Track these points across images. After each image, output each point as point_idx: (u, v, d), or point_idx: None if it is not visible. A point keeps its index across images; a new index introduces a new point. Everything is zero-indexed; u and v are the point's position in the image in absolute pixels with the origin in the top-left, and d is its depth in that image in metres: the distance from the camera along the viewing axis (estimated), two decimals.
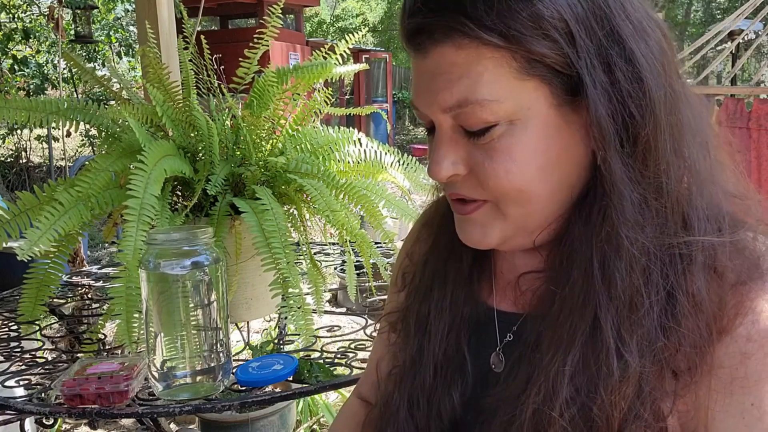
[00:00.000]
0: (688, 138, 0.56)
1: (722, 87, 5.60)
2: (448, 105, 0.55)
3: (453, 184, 0.59)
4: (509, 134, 0.54)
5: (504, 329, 0.66)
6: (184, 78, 1.23)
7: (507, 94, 0.53)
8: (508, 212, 0.58)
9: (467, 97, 0.54)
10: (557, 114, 0.54)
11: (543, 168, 0.55)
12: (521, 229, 0.59)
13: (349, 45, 1.34)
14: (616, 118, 0.53)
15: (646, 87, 0.53)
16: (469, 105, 0.54)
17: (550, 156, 0.55)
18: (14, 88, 6.53)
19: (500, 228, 0.59)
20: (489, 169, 0.55)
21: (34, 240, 0.95)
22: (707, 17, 19.05)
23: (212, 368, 0.96)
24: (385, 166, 1.34)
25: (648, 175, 0.54)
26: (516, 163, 0.55)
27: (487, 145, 0.55)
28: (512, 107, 0.53)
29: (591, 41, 0.52)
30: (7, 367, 1.13)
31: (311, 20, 20.01)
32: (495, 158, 0.55)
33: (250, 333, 1.27)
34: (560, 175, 0.56)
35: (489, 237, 0.60)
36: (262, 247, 1.03)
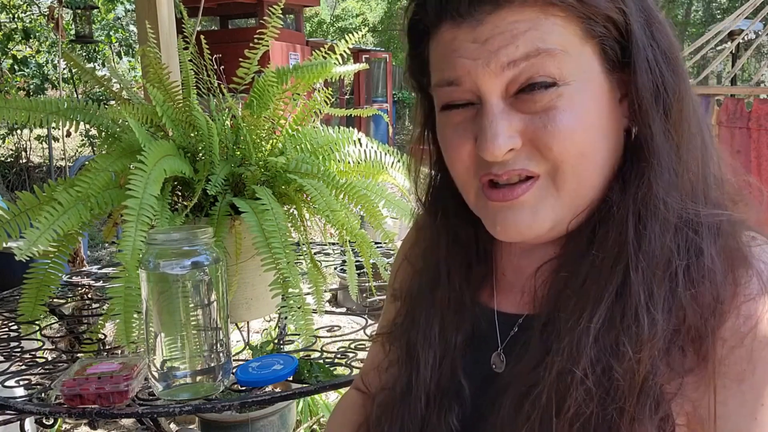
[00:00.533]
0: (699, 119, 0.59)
1: (722, 87, 5.60)
2: (514, 57, 0.53)
3: (503, 163, 0.56)
4: (569, 96, 0.54)
5: (505, 330, 0.65)
6: (184, 78, 1.23)
7: (573, 50, 0.54)
8: (564, 185, 0.56)
9: (538, 46, 0.53)
10: (608, 79, 0.57)
11: (600, 131, 0.57)
12: (572, 207, 0.58)
13: (349, 45, 1.34)
14: (656, 84, 0.56)
15: (678, 62, 0.57)
16: (540, 54, 0.53)
17: (605, 119, 0.57)
18: (14, 88, 6.53)
19: (552, 207, 0.57)
20: (552, 131, 0.54)
21: (33, 240, 0.95)
22: (707, 17, 19.06)
23: (212, 368, 0.96)
24: (386, 166, 1.34)
25: (680, 144, 0.57)
26: (580, 123, 0.55)
27: (546, 107, 0.54)
28: (575, 65, 0.54)
29: (638, 11, 0.56)
30: (7, 367, 1.13)
31: (311, 20, 20.01)
32: (558, 119, 0.54)
33: (250, 333, 1.27)
34: (611, 140, 0.58)
35: (540, 220, 0.57)
36: (262, 247, 1.03)
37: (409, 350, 0.68)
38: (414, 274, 0.73)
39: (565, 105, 0.54)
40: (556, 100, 0.54)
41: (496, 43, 0.53)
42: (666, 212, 0.55)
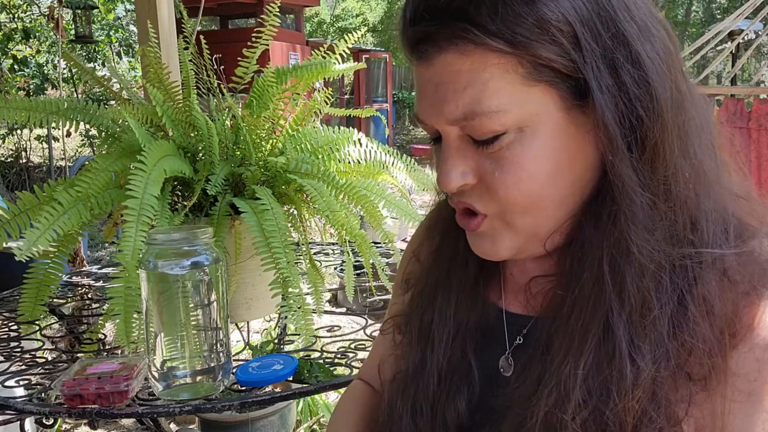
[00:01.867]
0: (694, 139, 0.55)
1: (722, 87, 5.60)
2: (454, 117, 0.54)
3: (461, 194, 0.58)
4: (518, 142, 0.53)
5: (513, 332, 0.65)
6: (184, 78, 1.23)
7: (514, 102, 0.52)
8: (515, 223, 0.57)
9: (473, 109, 0.53)
10: (567, 117, 0.54)
11: (554, 173, 0.54)
12: (532, 237, 0.58)
13: (349, 45, 1.34)
14: (623, 121, 0.52)
15: (652, 89, 0.52)
16: (476, 117, 0.53)
17: (561, 161, 0.54)
18: (14, 88, 6.53)
19: (510, 238, 0.58)
20: (499, 179, 0.54)
21: (33, 240, 0.95)
22: (707, 17, 19.05)
23: (212, 368, 0.96)
24: (386, 166, 1.34)
25: (657, 179, 0.53)
26: (526, 172, 0.54)
27: (495, 155, 0.54)
28: (520, 115, 0.52)
29: (597, 44, 0.51)
30: (7, 367, 1.13)
31: (311, 20, 20.01)
32: (504, 168, 0.54)
33: (250, 333, 1.27)
34: (571, 179, 0.55)
35: (500, 249, 0.59)
36: (262, 247, 1.03)
37: (423, 329, 0.69)
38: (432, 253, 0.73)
39: (512, 155, 0.54)
40: (505, 149, 0.54)
41: (441, 95, 0.54)
42: (642, 254, 0.52)
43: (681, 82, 0.55)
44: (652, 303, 0.52)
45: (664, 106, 0.53)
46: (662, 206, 0.53)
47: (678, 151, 0.53)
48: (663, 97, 0.53)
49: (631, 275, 0.53)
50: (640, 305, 0.52)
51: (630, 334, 0.52)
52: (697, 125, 0.56)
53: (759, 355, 0.51)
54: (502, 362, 0.65)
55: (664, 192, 0.53)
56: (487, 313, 0.67)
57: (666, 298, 0.52)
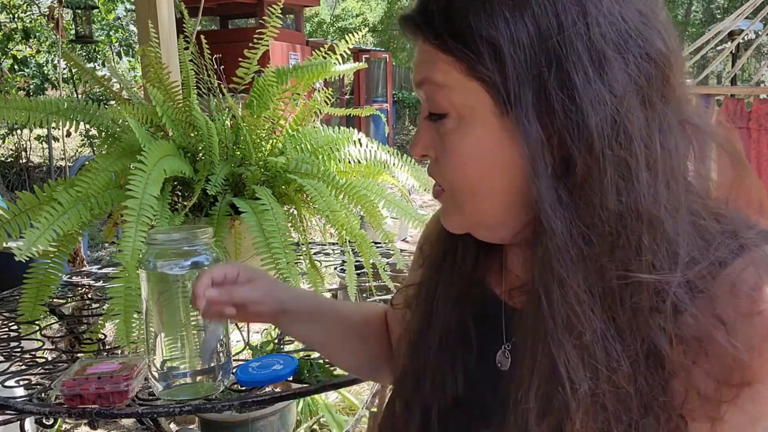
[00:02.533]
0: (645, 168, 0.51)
1: (722, 87, 5.60)
2: (416, 80, 0.61)
3: (430, 167, 0.64)
4: (458, 130, 0.58)
5: (510, 323, 0.65)
6: (184, 78, 1.23)
7: (456, 85, 0.56)
8: (461, 205, 0.61)
9: (427, 76, 0.59)
10: (499, 123, 0.55)
11: (486, 171, 0.57)
12: (478, 224, 0.62)
13: (350, 45, 1.34)
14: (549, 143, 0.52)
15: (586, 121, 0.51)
16: (428, 84, 0.59)
17: (491, 161, 0.56)
18: (14, 88, 6.53)
19: (458, 218, 0.63)
20: (444, 159, 0.60)
21: (33, 240, 0.95)
22: (707, 17, 19.06)
23: (212, 368, 0.96)
24: (386, 166, 1.34)
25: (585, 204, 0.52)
26: (460, 162, 0.58)
27: (444, 137, 0.59)
28: (460, 100, 0.57)
29: (525, 65, 0.52)
30: (7, 367, 1.13)
31: (311, 20, 20.01)
32: (447, 151, 0.59)
33: (250, 333, 1.27)
34: (506, 181, 0.56)
35: (451, 223, 0.64)
36: (262, 247, 1.03)
37: (429, 290, 0.71)
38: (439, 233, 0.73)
39: (452, 140, 0.58)
40: (449, 134, 0.59)
41: (414, 62, 0.61)
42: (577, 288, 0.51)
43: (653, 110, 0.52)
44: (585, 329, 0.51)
45: (598, 138, 0.51)
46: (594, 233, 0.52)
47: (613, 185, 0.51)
48: (599, 130, 0.51)
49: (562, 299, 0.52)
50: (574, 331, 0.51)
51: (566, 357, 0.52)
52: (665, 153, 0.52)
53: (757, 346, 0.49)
54: (499, 357, 0.65)
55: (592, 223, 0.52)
56: (487, 300, 0.68)
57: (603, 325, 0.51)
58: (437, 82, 0.58)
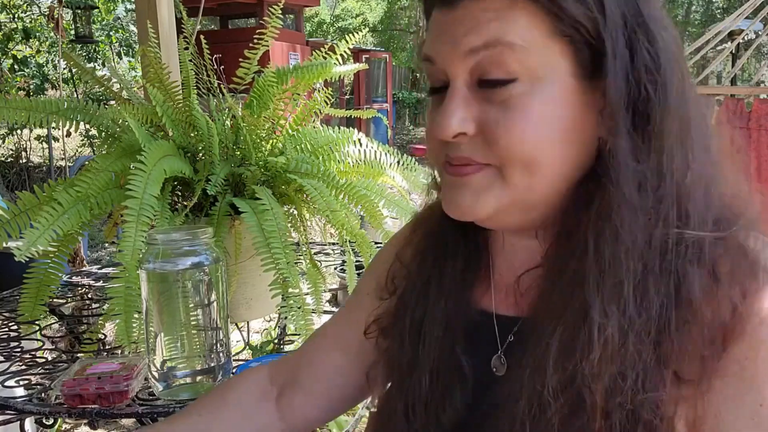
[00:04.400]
0: (692, 132, 0.56)
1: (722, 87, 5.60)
2: (473, 45, 0.54)
3: (456, 146, 0.57)
4: (529, 93, 0.54)
5: (504, 332, 0.65)
6: (184, 78, 1.23)
7: (536, 46, 0.53)
8: (512, 178, 0.56)
9: (498, 37, 0.53)
10: (577, 85, 0.54)
11: (556, 135, 0.55)
12: (519, 203, 0.57)
13: (350, 45, 1.34)
14: (631, 95, 0.53)
15: (662, 72, 0.54)
16: (498, 46, 0.53)
17: (564, 125, 0.55)
18: (14, 88, 6.53)
19: (496, 195, 0.57)
20: (503, 128, 0.54)
21: (33, 240, 0.95)
22: (707, 17, 19.06)
23: (212, 368, 0.96)
24: (385, 166, 1.34)
25: (652, 160, 0.54)
26: (531, 124, 0.54)
27: (504, 103, 0.54)
28: (537, 62, 0.53)
29: (619, 14, 0.53)
30: (7, 367, 1.13)
31: (311, 20, 20.01)
32: (511, 117, 0.54)
33: (250, 333, 1.27)
34: (570, 148, 0.56)
35: (481, 204, 0.57)
36: (262, 247, 1.03)
37: (413, 327, 0.68)
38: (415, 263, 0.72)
39: (521, 104, 0.54)
40: (514, 98, 0.54)
41: (463, 29, 0.54)
42: (628, 232, 0.53)
43: (687, 78, 0.57)
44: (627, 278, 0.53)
45: (671, 92, 0.54)
46: (653, 188, 0.54)
47: (675, 138, 0.54)
48: (671, 84, 0.54)
49: (614, 252, 0.53)
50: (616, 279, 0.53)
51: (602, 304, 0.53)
52: (696, 121, 0.57)
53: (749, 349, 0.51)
54: (494, 362, 0.65)
55: (658, 174, 0.54)
56: (476, 318, 0.67)
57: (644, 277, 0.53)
58: (512, 42, 0.53)
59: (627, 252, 0.53)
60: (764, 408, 0.50)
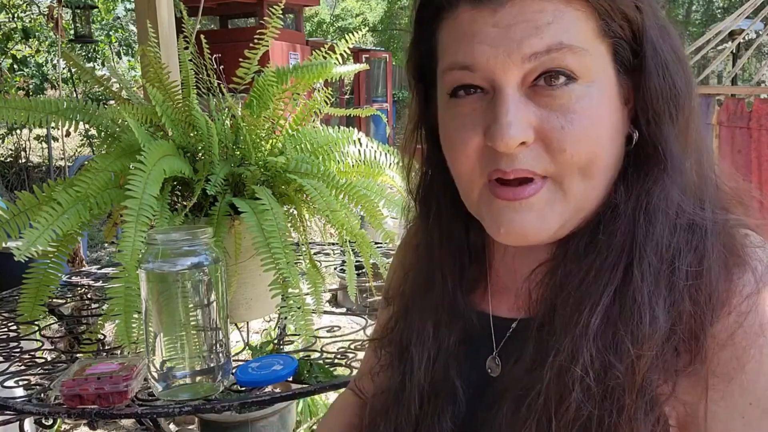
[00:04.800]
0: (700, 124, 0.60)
1: (723, 87, 5.60)
2: (536, 49, 0.52)
3: (511, 158, 0.54)
4: (588, 96, 0.53)
5: (500, 334, 0.64)
6: (183, 78, 1.23)
7: (592, 48, 0.54)
8: (571, 188, 0.55)
9: (561, 40, 0.52)
10: (617, 82, 0.56)
11: (612, 133, 0.56)
12: (578, 211, 0.56)
13: (350, 45, 1.34)
14: (668, 89, 0.56)
15: (686, 65, 0.58)
16: (563, 49, 0.52)
17: (616, 122, 0.56)
18: (14, 87, 6.52)
19: (560, 211, 0.55)
20: (568, 133, 0.53)
21: (33, 240, 0.95)
22: (707, 17, 19.06)
23: (212, 368, 0.96)
24: (385, 166, 1.34)
25: (686, 148, 0.57)
26: (595, 127, 0.54)
27: (564, 106, 0.53)
28: (593, 64, 0.54)
29: (650, 11, 0.56)
30: (7, 367, 1.13)
31: (311, 20, 20.01)
32: (576, 121, 0.53)
33: (250, 333, 1.27)
34: (615, 147, 0.57)
35: (547, 224, 0.55)
36: (262, 247, 1.03)
37: (402, 351, 0.68)
38: (407, 277, 0.72)
39: (584, 108, 0.53)
40: (575, 101, 0.53)
41: (519, 32, 0.52)
42: (674, 214, 0.55)
43: None
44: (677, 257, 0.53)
45: (692, 84, 0.58)
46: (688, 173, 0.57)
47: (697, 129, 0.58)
48: (690, 79, 0.57)
49: (664, 231, 0.54)
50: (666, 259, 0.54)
51: (652, 285, 0.53)
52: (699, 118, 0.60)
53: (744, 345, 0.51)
54: (489, 363, 0.64)
55: (696, 161, 0.57)
56: (471, 322, 0.66)
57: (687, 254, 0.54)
58: (576, 45, 0.52)
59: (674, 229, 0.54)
60: (753, 407, 0.50)
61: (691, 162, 0.57)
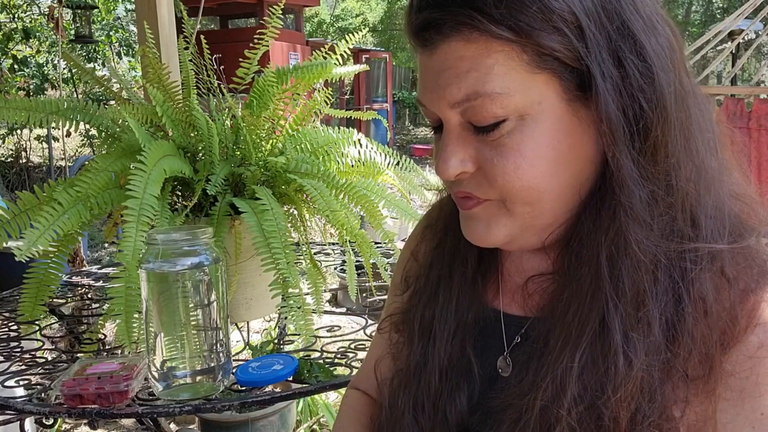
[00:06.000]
0: (697, 135, 0.55)
1: (722, 87, 5.60)
2: (456, 99, 0.54)
3: (459, 182, 0.58)
4: (519, 130, 0.53)
5: (511, 333, 0.65)
6: (184, 78, 1.23)
7: (517, 88, 0.52)
8: (515, 210, 0.57)
9: (477, 90, 0.53)
10: (568, 109, 0.54)
11: (553, 164, 0.54)
12: (529, 228, 0.58)
13: (350, 45, 1.34)
14: (626, 112, 0.52)
15: (656, 82, 0.52)
16: (479, 98, 0.53)
17: (561, 152, 0.54)
18: (14, 88, 6.52)
19: (505, 225, 0.58)
20: (498, 166, 0.54)
21: (33, 240, 0.95)
22: (707, 17, 19.05)
23: (212, 368, 0.96)
24: (385, 167, 1.34)
25: (658, 172, 0.53)
26: (526, 160, 0.54)
27: (496, 142, 0.54)
28: (522, 101, 0.53)
29: (601, 35, 0.52)
30: (7, 367, 1.13)
31: (311, 20, 20.01)
32: (504, 155, 0.54)
33: (250, 333, 1.27)
34: (570, 171, 0.55)
35: (493, 234, 0.58)
36: (262, 247, 1.03)
37: (424, 325, 0.69)
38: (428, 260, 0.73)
39: (513, 142, 0.54)
40: (505, 137, 0.54)
41: (444, 80, 0.54)
42: (640, 248, 0.52)
43: (684, 79, 0.55)
44: (647, 298, 0.52)
45: (667, 99, 0.53)
46: (662, 200, 0.53)
47: (680, 146, 0.54)
48: (667, 91, 0.53)
49: (627, 269, 0.53)
50: (635, 299, 0.52)
51: (624, 328, 0.52)
52: (699, 122, 0.56)
53: (752, 353, 0.51)
54: (500, 363, 0.65)
55: (666, 186, 0.53)
56: (486, 314, 0.67)
57: (661, 294, 0.52)
58: (493, 91, 0.52)
59: (641, 268, 0.53)
60: (765, 417, 0.50)
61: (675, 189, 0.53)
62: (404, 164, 1.38)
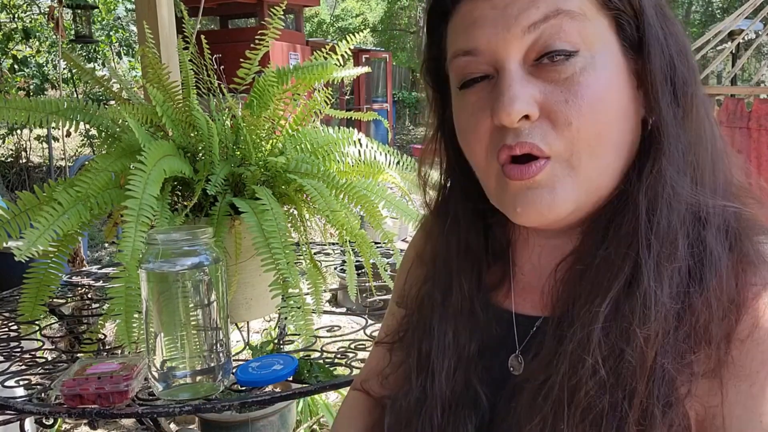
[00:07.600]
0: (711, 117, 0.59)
1: (722, 87, 5.60)
2: (533, 20, 0.52)
3: (516, 133, 0.54)
4: (591, 68, 0.53)
5: (523, 332, 0.64)
6: (183, 78, 1.23)
7: (592, 15, 0.53)
8: (580, 165, 0.54)
9: (558, 6, 0.52)
10: (625, 60, 0.55)
11: (618, 112, 0.55)
12: (592, 190, 0.56)
13: (350, 45, 1.34)
14: (669, 70, 0.55)
15: (688, 53, 0.57)
16: (560, 14, 0.52)
17: (623, 101, 0.55)
18: (14, 88, 6.52)
19: (573, 189, 0.54)
20: (573, 107, 0.52)
21: (33, 240, 0.95)
22: (707, 17, 19.05)
23: (212, 368, 0.96)
24: (385, 166, 1.34)
25: (690, 134, 0.56)
26: (601, 101, 0.53)
27: (569, 80, 0.53)
28: (594, 33, 0.53)
29: None
30: (7, 367, 1.13)
31: (311, 20, 20.01)
32: (580, 94, 0.52)
33: (250, 333, 1.27)
34: (627, 125, 0.56)
35: (562, 200, 0.55)
36: (262, 247, 1.03)
37: (421, 360, 0.67)
38: (424, 282, 0.71)
39: (588, 80, 0.53)
40: (579, 74, 0.53)
41: (516, 8, 0.53)
42: (676, 200, 0.54)
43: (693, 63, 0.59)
44: (679, 247, 0.53)
45: (694, 71, 0.57)
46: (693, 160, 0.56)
47: (703, 114, 0.57)
48: (692, 66, 0.57)
49: (665, 217, 0.54)
50: (671, 247, 0.53)
51: (656, 271, 0.52)
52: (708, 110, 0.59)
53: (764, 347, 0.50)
54: (512, 362, 0.64)
55: (696, 144, 0.56)
56: (492, 321, 0.65)
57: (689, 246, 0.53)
58: (572, 11, 0.52)
59: (677, 218, 0.54)
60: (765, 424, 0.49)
61: (698, 150, 0.56)
62: (405, 163, 1.38)
